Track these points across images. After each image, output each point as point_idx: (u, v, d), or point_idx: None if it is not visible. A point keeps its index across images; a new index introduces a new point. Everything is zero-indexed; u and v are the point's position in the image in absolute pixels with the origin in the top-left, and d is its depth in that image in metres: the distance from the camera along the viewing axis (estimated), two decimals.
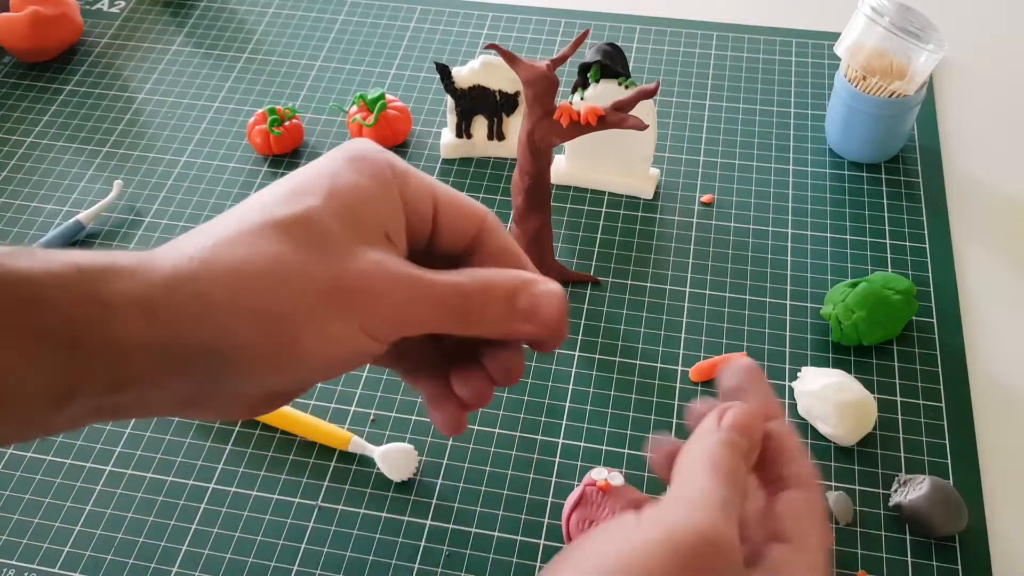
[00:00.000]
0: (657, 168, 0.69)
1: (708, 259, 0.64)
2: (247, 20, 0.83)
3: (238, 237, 0.29)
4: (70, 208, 0.68)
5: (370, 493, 0.53)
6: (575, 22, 0.82)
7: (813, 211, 0.66)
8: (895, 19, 0.63)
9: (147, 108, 0.76)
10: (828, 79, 0.76)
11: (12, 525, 0.52)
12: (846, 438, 0.53)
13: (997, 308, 0.61)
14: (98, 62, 0.80)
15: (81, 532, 0.51)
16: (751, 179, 0.69)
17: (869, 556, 0.50)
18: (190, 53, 0.80)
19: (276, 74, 0.78)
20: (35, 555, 0.51)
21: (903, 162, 0.70)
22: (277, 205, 0.30)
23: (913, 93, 0.65)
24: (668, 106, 0.74)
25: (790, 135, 0.72)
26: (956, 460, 0.53)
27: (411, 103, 0.75)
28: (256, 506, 0.52)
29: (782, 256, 0.64)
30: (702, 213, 0.67)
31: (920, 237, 0.65)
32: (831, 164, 0.70)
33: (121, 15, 0.84)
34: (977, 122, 0.73)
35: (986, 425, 0.55)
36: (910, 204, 0.67)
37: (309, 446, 0.55)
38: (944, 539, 0.50)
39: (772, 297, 0.61)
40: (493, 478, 0.53)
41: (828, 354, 0.58)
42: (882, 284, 0.57)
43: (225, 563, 0.50)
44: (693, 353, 0.59)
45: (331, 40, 0.81)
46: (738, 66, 0.77)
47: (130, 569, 0.50)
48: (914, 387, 0.57)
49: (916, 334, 0.59)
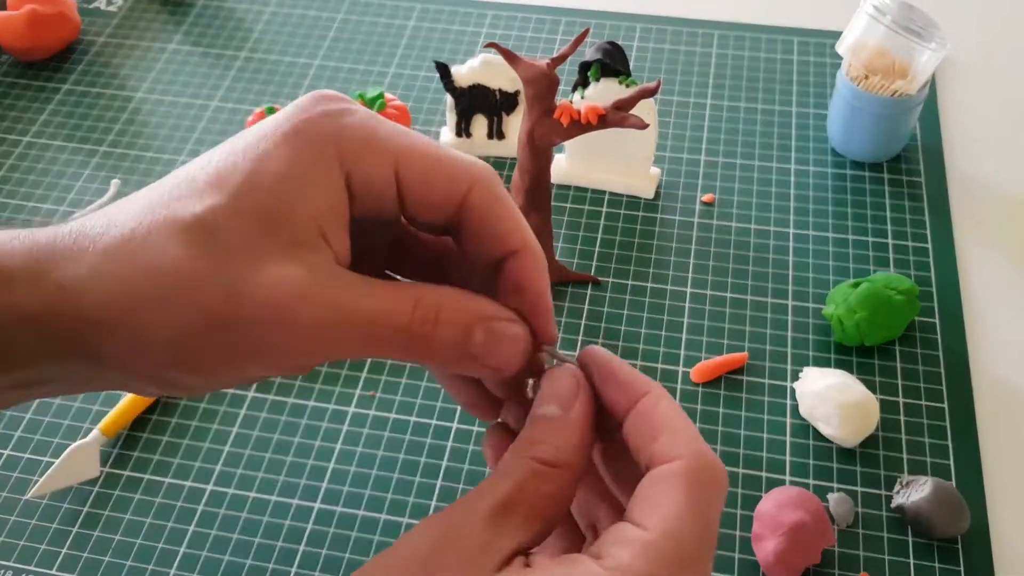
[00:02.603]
0: (658, 167, 0.68)
1: (709, 259, 0.63)
2: (245, 18, 0.83)
3: (132, 237, 0.27)
4: (67, 207, 0.68)
5: (368, 495, 0.52)
6: (575, 20, 0.81)
7: (815, 211, 0.66)
8: (897, 18, 0.62)
9: (145, 107, 0.75)
10: (830, 78, 0.76)
11: (9, 527, 0.51)
12: (848, 439, 0.53)
13: (1000, 308, 0.61)
14: (96, 61, 0.79)
15: (79, 534, 0.51)
16: (752, 178, 0.68)
17: (871, 558, 0.50)
18: (188, 51, 0.80)
19: (275, 72, 0.78)
20: (32, 556, 0.50)
21: (905, 161, 0.69)
22: (184, 199, 0.27)
23: (915, 92, 0.64)
24: (669, 105, 0.74)
25: (792, 134, 0.71)
26: (958, 461, 0.53)
27: (410, 102, 0.75)
28: (254, 508, 0.52)
29: (784, 256, 0.63)
30: (703, 213, 0.66)
31: (922, 237, 0.64)
32: (833, 163, 0.69)
33: (119, 13, 0.84)
34: (980, 121, 0.73)
35: (989, 426, 0.55)
36: (912, 204, 0.67)
37: (308, 447, 0.54)
38: (946, 541, 0.50)
39: (774, 297, 0.61)
40: None
41: (830, 354, 0.58)
42: (884, 284, 0.57)
43: (223, 565, 0.50)
44: (694, 353, 0.58)
45: (330, 38, 0.80)
46: (739, 65, 0.77)
47: (128, 571, 0.50)
48: (916, 388, 0.56)
49: (918, 334, 0.59)
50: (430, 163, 0.28)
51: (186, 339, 0.26)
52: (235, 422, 0.55)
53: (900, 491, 0.51)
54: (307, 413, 0.56)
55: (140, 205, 0.27)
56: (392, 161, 0.28)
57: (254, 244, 0.26)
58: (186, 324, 0.26)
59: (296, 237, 0.26)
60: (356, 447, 0.54)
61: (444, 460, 0.54)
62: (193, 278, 0.26)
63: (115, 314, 0.26)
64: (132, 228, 0.27)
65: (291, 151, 0.27)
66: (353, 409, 0.56)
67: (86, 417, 0.56)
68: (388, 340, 0.27)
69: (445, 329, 0.27)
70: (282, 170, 0.27)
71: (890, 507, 0.51)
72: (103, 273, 0.26)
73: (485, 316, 0.28)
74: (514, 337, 0.28)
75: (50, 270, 0.27)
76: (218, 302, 0.26)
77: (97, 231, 0.27)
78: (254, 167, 0.27)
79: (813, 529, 0.47)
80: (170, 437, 0.55)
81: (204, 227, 0.26)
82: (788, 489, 0.49)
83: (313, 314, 0.26)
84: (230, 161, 0.27)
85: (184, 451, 0.54)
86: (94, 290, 0.26)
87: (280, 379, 0.57)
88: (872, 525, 0.51)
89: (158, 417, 0.56)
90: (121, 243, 0.26)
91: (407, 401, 0.56)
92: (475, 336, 0.28)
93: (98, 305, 0.26)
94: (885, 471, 0.53)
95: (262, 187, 0.26)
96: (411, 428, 0.55)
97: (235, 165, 0.27)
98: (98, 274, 0.26)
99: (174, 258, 0.26)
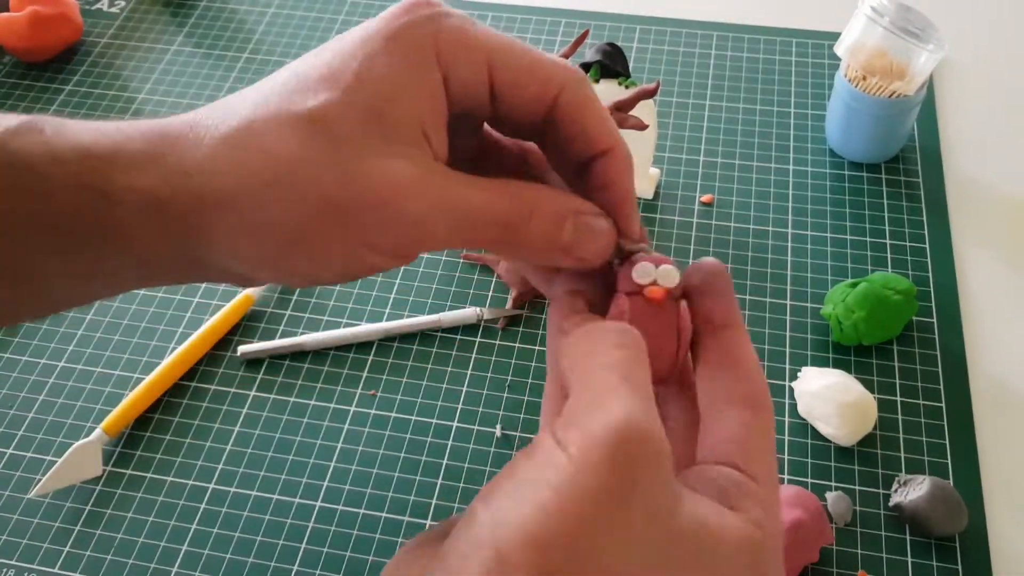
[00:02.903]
0: (657, 168, 0.69)
1: None
2: (247, 20, 0.83)
3: (249, 127, 0.28)
4: None
5: (370, 493, 0.53)
6: (575, 22, 0.82)
7: (813, 211, 0.66)
8: (895, 19, 0.63)
9: (147, 108, 0.75)
10: (828, 79, 0.76)
11: (12, 525, 0.52)
12: (846, 438, 0.53)
13: (997, 308, 0.61)
14: (98, 62, 0.80)
15: (81, 532, 0.51)
16: (751, 179, 0.69)
17: (869, 556, 0.50)
18: (190, 53, 0.80)
19: None
20: (35, 555, 0.51)
21: (903, 162, 0.70)
22: (298, 92, 0.28)
23: (913, 93, 0.64)
24: (668, 106, 0.74)
25: (790, 135, 0.72)
26: (956, 460, 0.53)
27: None
28: (256, 506, 0.52)
29: (782, 256, 0.64)
30: (702, 213, 0.67)
31: (920, 237, 0.65)
32: (831, 164, 0.70)
33: (121, 15, 0.84)
34: (977, 122, 0.73)
35: (986, 425, 0.55)
36: (910, 204, 0.67)
37: (309, 446, 0.54)
38: (944, 539, 0.50)
39: (772, 297, 0.61)
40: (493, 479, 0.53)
41: (828, 354, 0.58)
42: (882, 284, 0.57)
43: (225, 563, 0.50)
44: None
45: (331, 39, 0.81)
46: (738, 66, 0.77)
47: (130, 569, 0.50)
48: (914, 387, 0.57)
49: (916, 334, 0.59)
50: (523, 63, 0.29)
51: (302, 222, 0.27)
52: (237, 421, 0.56)
53: (898, 490, 0.51)
54: (309, 412, 0.56)
55: (253, 99, 0.29)
56: (486, 61, 0.29)
57: (364, 138, 0.27)
58: (302, 207, 0.27)
59: (401, 134, 0.28)
60: (357, 446, 0.55)
61: (445, 459, 0.54)
62: (310, 164, 0.27)
63: (233, 196, 0.27)
64: (248, 119, 0.28)
65: (394, 54, 0.28)
66: (354, 408, 0.56)
67: (89, 416, 0.56)
68: (486, 230, 0.28)
69: (538, 222, 0.29)
70: (387, 72, 0.28)
71: (888, 506, 0.52)
72: (221, 158, 0.28)
73: (575, 210, 0.29)
74: (601, 230, 0.30)
75: (167, 154, 0.28)
76: (333, 188, 0.27)
77: (212, 121, 0.28)
78: (361, 67, 0.28)
79: (811, 528, 0.47)
80: (172, 436, 0.55)
81: (319, 119, 0.27)
82: (786, 488, 0.49)
83: (419, 203, 0.27)
84: (337, 59, 0.28)
85: (186, 450, 0.55)
86: (213, 172, 0.28)
87: (281, 378, 0.58)
88: (870, 524, 0.51)
89: (160, 416, 0.56)
90: (237, 132, 0.28)
91: (408, 400, 0.57)
92: (565, 228, 0.29)
93: (216, 188, 0.28)
94: (883, 470, 0.53)
95: (370, 87, 0.28)
96: (412, 427, 0.55)
97: (342, 64, 0.28)
98: (216, 159, 0.28)
99: (291, 146, 0.27)
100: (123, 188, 0.28)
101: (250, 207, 0.27)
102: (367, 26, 0.29)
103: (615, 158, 0.31)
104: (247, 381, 0.58)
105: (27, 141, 0.28)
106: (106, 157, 0.28)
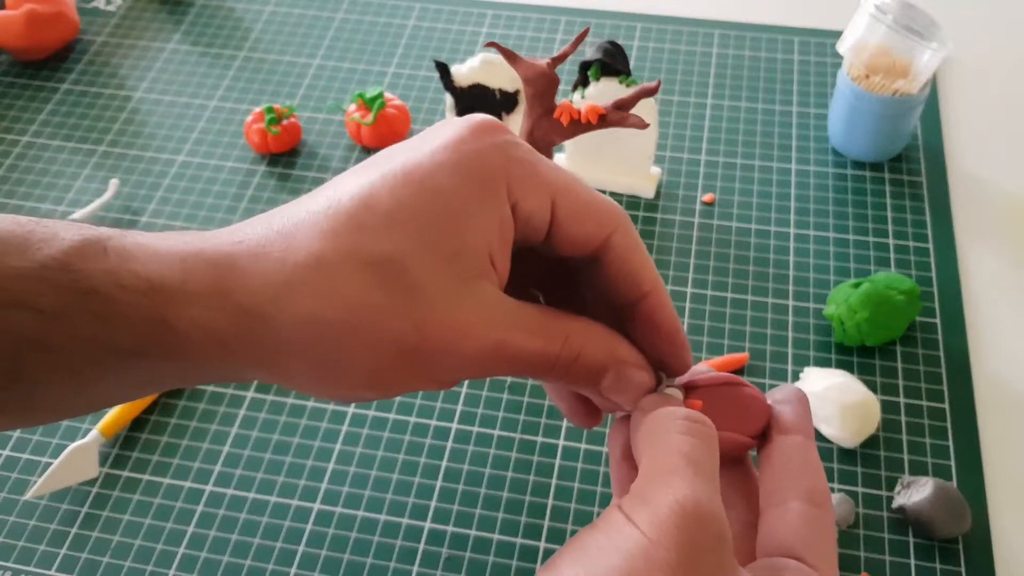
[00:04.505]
0: (658, 167, 0.68)
1: (710, 259, 0.63)
2: (244, 18, 0.83)
3: (319, 266, 0.28)
4: (66, 208, 0.68)
5: (368, 495, 0.52)
6: (575, 20, 0.81)
7: (816, 211, 0.66)
8: (898, 17, 0.62)
9: (144, 106, 0.75)
10: (831, 77, 0.75)
11: (8, 527, 0.51)
12: (849, 440, 0.53)
13: (1001, 308, 0.61)
14: (94, 60, 0.79)
15: (77, 535, 0.51)
16: (753, 178, 0.68)
17: (872, 559, 0.49)
18: (187, 51, 0.80)
19: (274, 72, 0.77)
20: (31, 557, 0.50)
21: (906, 161, 0.69)
22: (369, 231, 0.28)
23: (916, 92, 0.64)
24: (669, 105, 0.74)
25: (792, 134, 0.71)
26: (959, 462, 0.53)
27: (410, 102, 0.75)
28: (253, 508, 0.52)
29: (784, 256, 0.63)
30: (704, 212, 0.66)
31: (923, 237, 0.64)
32: (834, 163, 0.69)
33: (118, 13, 0.84)
34: (981, 121, 0.73)
35: (990, 427, 0.55)
36: (913, 204, 0.66)
37: (307, 448, 0.54)
38: (947, 541, 0.50)
39: (774, 297, 0.61)
40: (492, 480, 0.53)
41: (831, 355, 0.58)
42: (885, 284, 0.57)
43: (222, 566, 0.50)
44: (695, 354, 0.58)
45: (329, 38, 0.80)
46: (740, 64, 0.77)
47: (126, 572, 0.50)
48: (917, 388, 0.56)
49: (919, 335, 0.59)
50: (582, 201, 0.31)
51: (374, 368, 0.29)
52: (234, 423, 0.55)
53: (901, 492, 0.51)
54: (306, 413, 0.56)
55: (320, 229, 0.28)
56: (551, 195, 0.30)
57: (437, 280, 0.28)
58: (376, 355, 0.28)
59: (472, 268, 0.29)
60: (355, 448, 0.54)
61: (443, 461, 0.54)
62: (385, 314, 0.28)
63: (308, 342, 0.28)
64: (317, 256, 0.28)
65: (465, 185, 0.29)
66: (352, 410, 0.56)
67: (84, 418, 0.56)
68: (534, 368, 0.30)
69: (582, 365, 0.30)
70: (460, 207, 0.29)
71: (891, 508, 0.51)
72: (292, 302, 0.28)
73: (620, 360, 0.31)
74: (640, 384, 0.31)
75: (234, 290, 0.28)
76: (410, 338, 0.28)
77: (279, 252, 0.28)
78: (433, 203, 0.28)
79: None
80: (169, 438, 0.55)
81: (394, 265, 0.28)
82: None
83: (481, 346, 0.29)
84: (407, 193, 0.29)
85: (183, 452, 0.54)
86: (282, 320, 0.28)
87: None
88: (873, 526, 0.51)
89: (157, 418, 0.56)
90: (307, 270, 0.28)
91: (406, 402, 0.56)
92: (608, 377, 0.31)
93: (290, 331, 0.28)
94: (886, 472, 0.53)
95: (441, 224, 0.28)
96: (410, 429, 0.55)
97: (415, 198, 0.28)
98: (287, 302, 0.28)
99: (366, 294, 0.28)
100: (189, 323, 0.28)
101: (322, 355, 0.28)
102: (434, 148, 0.29)
103: (659, 298, 0.32)
104: (244, 382, 0.57)
105: (91, 267, 0.28)
106: (172, 291, 0.28)
